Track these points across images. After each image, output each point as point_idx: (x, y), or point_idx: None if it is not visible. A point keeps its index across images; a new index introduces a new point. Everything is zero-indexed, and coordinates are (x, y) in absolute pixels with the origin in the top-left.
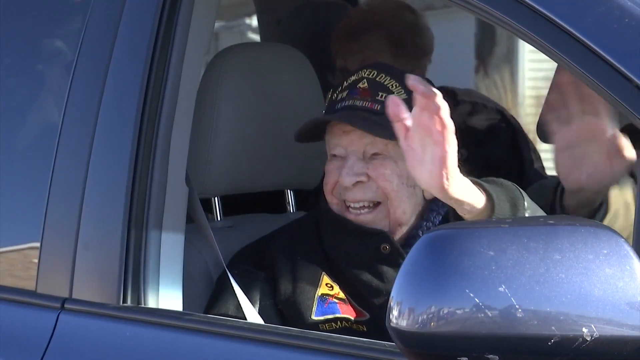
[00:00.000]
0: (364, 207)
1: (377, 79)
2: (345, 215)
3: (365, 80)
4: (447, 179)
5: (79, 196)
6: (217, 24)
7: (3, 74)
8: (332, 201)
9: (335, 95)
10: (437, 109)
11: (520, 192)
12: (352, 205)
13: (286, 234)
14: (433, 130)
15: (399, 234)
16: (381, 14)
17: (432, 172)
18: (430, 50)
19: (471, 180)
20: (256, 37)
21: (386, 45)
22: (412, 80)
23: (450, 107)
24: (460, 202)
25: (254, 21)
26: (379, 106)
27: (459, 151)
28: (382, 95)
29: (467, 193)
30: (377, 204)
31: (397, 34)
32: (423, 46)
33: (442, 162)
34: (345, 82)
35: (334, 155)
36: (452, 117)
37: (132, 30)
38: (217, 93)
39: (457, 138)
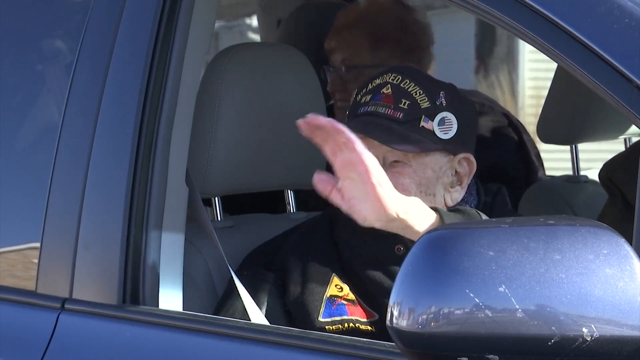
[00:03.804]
0: None
1: (402, 84)
2: None
3: (389, 85)
4: (380, 185)
5: (79, 196)
6: (217, 24)
7: (3, 74)
8: None
9: (359, 97)
10: (338, 132)
11: None
12: None
13: (299, 233)
14: (352, 160)
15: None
16: (363, 10)
17: (368, 195)
18: (421, 46)
19: (431, 207)
20: (256, 37)
21: (365, 41)
22: (304, 121)
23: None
24: (406, 220)
25: (254, 21)
26: (401, 114)
27: None
28: (405, 103)
29: (410, 208)
30: None
31: (378, 30)
32: (409, 42)
33: (368, 176)
34: (370, 84)
35: None
36: None
37: (132, 30)
38: (217, 93)
39: None
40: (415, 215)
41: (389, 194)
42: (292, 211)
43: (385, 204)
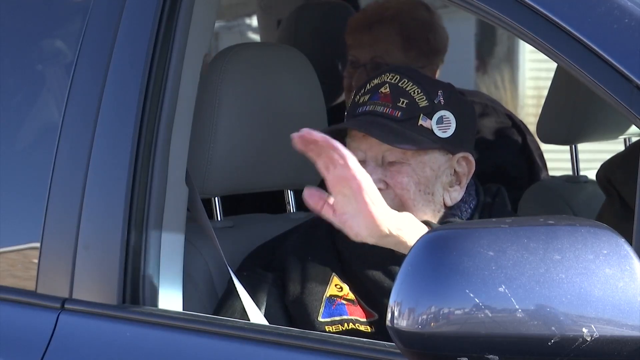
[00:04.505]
0: None
1: (400, 84)
2: None
3: (387, 84)
4: (373, 203)
5: (79, 196)
6: (217, 24)
7: (3, 74)
8: None
9: (357, 97)
10: (332, 148)
11: None
12: None
13: (298, 234)
14: (345, 176)
15: None
16: (396, 8)
17: (361, 212)
18: (443, 49)
19: (423, 222)
20: (256, 37)
21: (398, 39)
22: (298, 135)
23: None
24: (399, 236)
25: (254, 21)
26: (400, 113)
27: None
28: (403, 102)
29: (403, 224)
30: None
31: (410, 29)
32: (435, 44)
33: (360, 194)
34: (368, 85)
35: None
36: None
37: (132, 30)
38: (217, 93)
39: None
40: (408, 230)
41: (381, 211)
42: (292, 211)
43: (378, 222)
